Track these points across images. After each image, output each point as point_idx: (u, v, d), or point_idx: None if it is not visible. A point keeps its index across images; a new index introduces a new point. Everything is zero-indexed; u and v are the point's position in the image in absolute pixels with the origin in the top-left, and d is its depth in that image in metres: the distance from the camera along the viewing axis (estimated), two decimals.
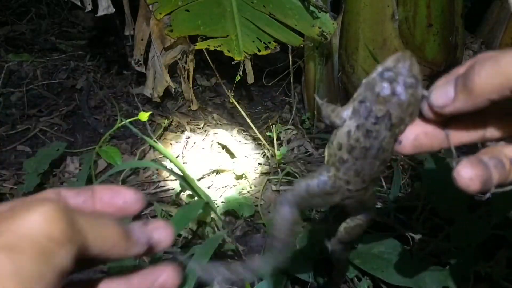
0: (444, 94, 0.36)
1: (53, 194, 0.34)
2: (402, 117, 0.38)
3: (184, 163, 1.33)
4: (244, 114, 1.57)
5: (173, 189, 1.22)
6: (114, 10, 1.21)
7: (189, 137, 1.45)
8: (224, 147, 1.40)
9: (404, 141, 0.39)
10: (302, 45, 1.34)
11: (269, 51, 1.41)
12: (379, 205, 1.04)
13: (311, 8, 1.18)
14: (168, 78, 1.45)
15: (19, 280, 0.24)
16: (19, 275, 0.24)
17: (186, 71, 1.53)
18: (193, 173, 0.99)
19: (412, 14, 1.29)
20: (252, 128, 1.49)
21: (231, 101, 1.64)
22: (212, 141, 1.42)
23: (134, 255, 0.33)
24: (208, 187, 1.24)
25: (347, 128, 0.40)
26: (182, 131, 1.48)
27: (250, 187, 1.22)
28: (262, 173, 1.28)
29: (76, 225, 0.28)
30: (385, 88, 0.38)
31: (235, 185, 1.22)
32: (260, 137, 1.44)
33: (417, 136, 0.39)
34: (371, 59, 1.40)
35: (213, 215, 0.94)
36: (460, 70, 0.36)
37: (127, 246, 0.32)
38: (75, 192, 0.35)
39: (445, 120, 0.39)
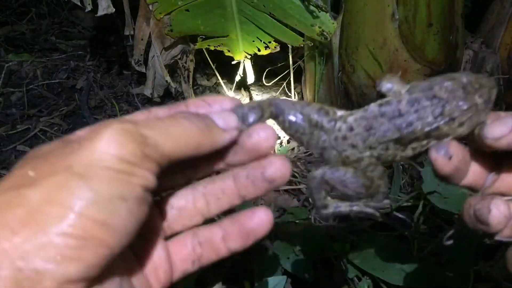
0: (503, 124, 0.33)
1: (143, 116, 0.33)
2: (454, 117, 0.36)
3: None
4: None
5: None
6: (114, 10, 1.21)
7: None
8: None
9: (454, 157, 0.36)
10: (302, 45, 1.34)
11: (269, 51, 1.41)
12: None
13: (311, 8, 1.18)
14: (168, 78, 1.45)
15: (99, 205, 0.24)
16: (97, 201, 0.24)
17: (186, 71, 1.53)
18: None
19: (412, 13, 1.29)
20: None
21: None
22: None
23: (225, 141, 0.32)
24: None
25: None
26: None
27: None
28: None
29: (147, 139, 0.27)
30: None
31: None
32: None
33: (463, 158, 0.36)
34: (371, 59, 1.40)
35: None
36: None
37: (212, 137, 0.30)
38: (166, 109, 0.33)
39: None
